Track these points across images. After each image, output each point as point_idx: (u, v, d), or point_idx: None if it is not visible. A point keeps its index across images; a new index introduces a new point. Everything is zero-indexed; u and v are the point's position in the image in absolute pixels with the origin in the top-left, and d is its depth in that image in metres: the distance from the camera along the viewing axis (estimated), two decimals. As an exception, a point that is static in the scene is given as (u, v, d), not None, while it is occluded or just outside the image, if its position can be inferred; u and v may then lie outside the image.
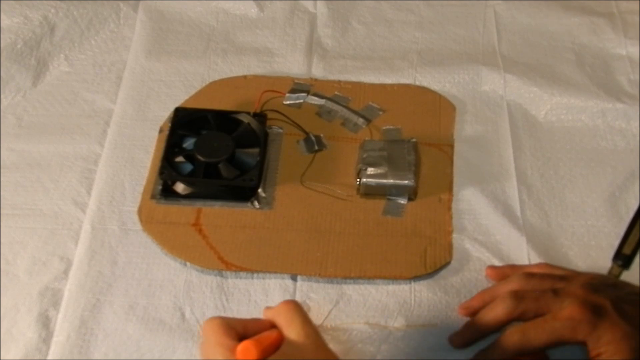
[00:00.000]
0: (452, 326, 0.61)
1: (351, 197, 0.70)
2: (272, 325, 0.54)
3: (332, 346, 0.55)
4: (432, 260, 0.65)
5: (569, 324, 0.54)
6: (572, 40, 0.85)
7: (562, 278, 0.59)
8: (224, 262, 0.65)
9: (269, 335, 0.53)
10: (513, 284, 0.60)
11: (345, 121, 0.76)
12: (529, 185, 0.72)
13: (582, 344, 0.54)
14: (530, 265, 0.65)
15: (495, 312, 0.57)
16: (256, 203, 0.69)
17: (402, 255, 0.66)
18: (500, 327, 0.57)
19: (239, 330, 0.52)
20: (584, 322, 0.54)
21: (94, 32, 0.84)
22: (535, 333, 0.54)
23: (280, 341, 0.53)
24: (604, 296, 0.55)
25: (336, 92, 0.78)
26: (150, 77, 0.80)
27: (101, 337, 0.61)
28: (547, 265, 0.64)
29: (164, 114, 0.76)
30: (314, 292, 0.64)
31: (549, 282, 0.59)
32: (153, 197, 0.69)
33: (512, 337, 0.55)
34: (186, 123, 0.72)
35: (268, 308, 0.56)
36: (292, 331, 0.53)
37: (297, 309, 0.54)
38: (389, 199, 0.69)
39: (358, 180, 0.69)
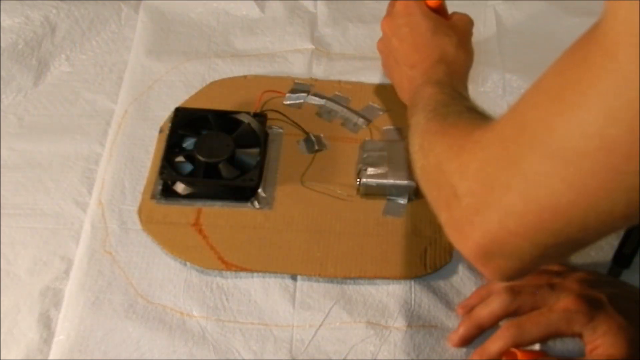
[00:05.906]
0: (452, 326, 0.62)
1: (351, 197, 0.70)
2: None
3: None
4: (432, 261, 0.65)
5: (565, 315, 0.54)
6: (572, 40, 0.84)
7: (558, 274, 0.60)
8: (224, 262, 0.65)
9: None
10: None
11: (345, 121, 0.76)
12: (529, 185, 0.72)
13: (578, 336, 0.55)
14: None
15: (491, 307, 0.57)
16: (256, 203, 0.69)
17: (402, 255, 0.66)
18: (496, 322, 0.58)
19: None
20: (580, 314, 0.54)
21: (95, 33, 0.84)
22: (531, 326, 0.55)
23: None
24: (600, 291, 0.56)
25: (336, 92, 0.78)
26: (151, 77, 0.80)
27: (101, 337, 0.61)
28: None
29: (164, 114, 0.76)
30: (314, 292, 0.64)
31: (545, 277, 0.59)
32: (153, 197, 0.69)
33: (508, 330, 0.55)
34: (186, 123, 0.72)
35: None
36: None
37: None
38: (389, 199, 0.69)
39: (358, 180, 0.69)
